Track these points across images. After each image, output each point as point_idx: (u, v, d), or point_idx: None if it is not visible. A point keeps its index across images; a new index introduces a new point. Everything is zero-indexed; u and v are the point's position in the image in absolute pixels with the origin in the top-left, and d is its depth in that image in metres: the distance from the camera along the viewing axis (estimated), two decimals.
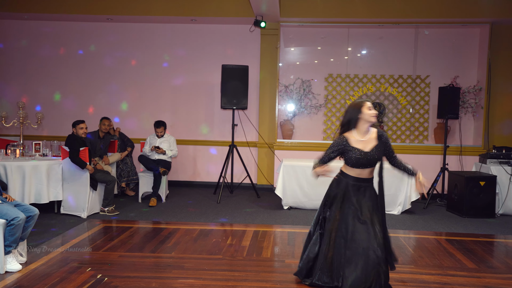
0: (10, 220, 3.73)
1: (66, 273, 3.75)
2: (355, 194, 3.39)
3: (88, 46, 8.35)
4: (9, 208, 3.83)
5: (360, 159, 3.31)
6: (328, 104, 8.17)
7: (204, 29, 8.23)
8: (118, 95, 8.35)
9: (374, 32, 8.10)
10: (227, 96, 7.17)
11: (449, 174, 6.83)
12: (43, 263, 4.00)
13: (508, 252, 4.74)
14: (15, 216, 3.75)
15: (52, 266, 3.93)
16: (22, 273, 3.73)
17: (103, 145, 6.73)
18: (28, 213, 3.90)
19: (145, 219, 5.82)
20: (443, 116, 7.13)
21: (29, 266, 3.90)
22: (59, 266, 3.92)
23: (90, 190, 5.80)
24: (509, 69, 7.72)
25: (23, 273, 3.75)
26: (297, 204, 6.52)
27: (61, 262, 4.04)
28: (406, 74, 8.05)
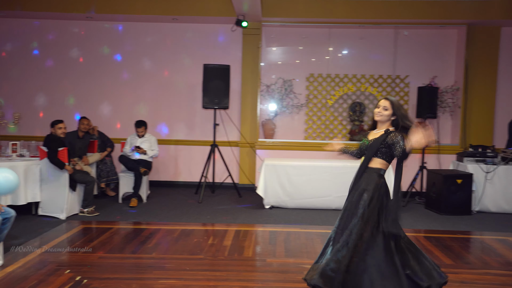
0: None
1: (44, 276, 3.70)
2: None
3: (70, 45, 8.22)
4: None
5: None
6: (310, 104, 8.22)
7: (186, 28, 8.19)
8: (98, 94, 8.24)
9: (355, 32, 8.18)
10: (209, 96, 7.15)
11: (428, 172, 6.95)
12: (20, 265, 3.93)
13: (484, 248, 4.85)
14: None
15: (30, 268, 3.86)
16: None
17: (83, 145, 6.64)
18: (4, 215, 3.83)
19: (125, 219, 5.77)
20: (422, 115, 7.25)
21: (5, 269, 3.82)
22: (36, 269, 3.85)
23: (69, 190, 5.72)
24: (485, 69, 7.89)
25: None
26: (278, 204, 6.55)
27: (39, 264, 3.97)
28: (386, 74, 8.16)
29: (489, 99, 7.93)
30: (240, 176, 8.12)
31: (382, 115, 3.24)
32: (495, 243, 4.94)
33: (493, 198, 6.47)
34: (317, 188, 6.48)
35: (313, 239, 4.98)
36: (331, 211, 6.43)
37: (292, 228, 5.47)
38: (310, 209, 6.51)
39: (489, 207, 6.49)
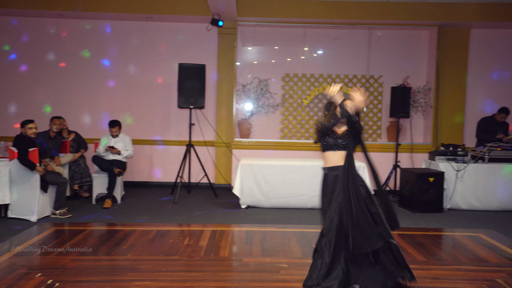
0: None
1: (14, 280, 3.59)
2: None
3: (40, 42, 8.02)
4: None
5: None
6: (285, 103, 8.26)
7: (161, 27, 8.11)
8: (72, 93, 8.06)
9: (330, 32, 8.26)
10: (184, 95, 7.09)
11: (401, 171, 7.08)
12: None
13: (455, 244, 4.97)
14: None
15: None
16: None
17: (55, 145, 6.48)
18: None
19: (99, 221, 5.66)
20: (395, 115, 7.38)
21: None
22: (6, 273, 3.74)
23: (40, 192, 5.58)
24: (456, 69, 8.09)
25: None
26: (255, 203, 6.56)
27: (9, 268, 3.86)
28: (360, 74, 8.27)
29: (459, 99, 8.14)
30: (216, 176, 8.09)
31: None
32: (465, 240, 5.08)
33: (464, 195, 6.64)
34: (293, 188, 6.52)
35: (289, 238, 5.00)
36: (307, 210, 6.47)
37: (268, 227, 5.48)
38: (286, 208, 6.54)
39: (460, 204, 6.66)
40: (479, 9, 7.66)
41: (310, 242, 4.83)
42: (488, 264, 4.23)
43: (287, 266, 4.08)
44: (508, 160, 6.64)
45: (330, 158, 3.51)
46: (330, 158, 3.51)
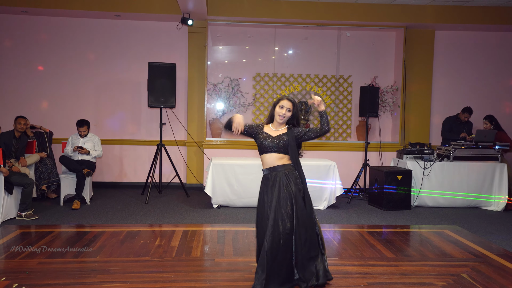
0: None
1: None
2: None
3: (3, 39, 7.76)
4: None
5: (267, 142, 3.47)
6: (257, 103, 8.28)
7: (129, 25, 7.99)
8: (37, 92, 7.84)
9: (300, 32, 8.34)
10: (155, 95, 7.01)
11: (370, 169, 7.23)
12: None
13: (422, 241, 5.11)
14: None
15: None
16: None
17: (20, 145, 6.28)
18: None
19: (67, 222, 5.54)
20: (364, 114, 7.52)
21: None
22: None
23: (4, 194, 5.40)
24: (422, 70, 8.32)
25: None
26: (226, 203, 6.55)
27: None
28: (330, 74, 8.39)
29: (426, 99, 8.37)
30: (188, 176, 8.03)
31: (286, 116, 3.47)
32: (432, 236, 5.23)
33: (430, 193, 6.83)
34: None
35: None
36: None
37: (240, 227, 5.49)
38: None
39: (427, 201, 6.85)
40: (443, 12, 7.90)
41: None
42: (453, 259, 4.38)
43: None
44: (471, 158, 6.87)
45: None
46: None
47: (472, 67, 8.51)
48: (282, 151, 3.44)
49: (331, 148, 7.96)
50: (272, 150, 3.44)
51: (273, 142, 3.43)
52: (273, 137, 3.46)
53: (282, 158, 3.46)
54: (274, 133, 3.48)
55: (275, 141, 3.43)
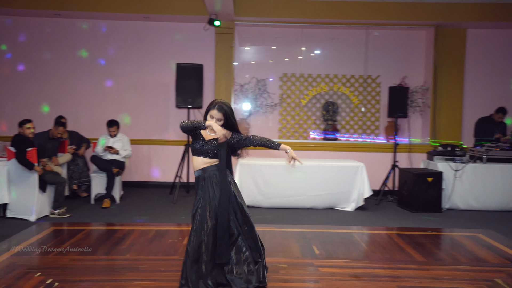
0: None
1: (13, 280, 3.58)
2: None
3: (36, 42, 7.99)
4: None
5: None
6: (283, 103, 8.26)
7: (158, 27, 8.09)
8: (69, 93, 8.04)
9: (327, 32, 8.27)
10: (182, 95, 7.08)
11: (399, 171, 7.10)
12: None
13: (454, 244, 4.99)
14: None
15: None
16: None
17: (53, 145, 6.45)
18: None
19: (98, 221, 5.65)
20: (393, 115, 7.40)
21: None
22: (5, 272, 3.73)
23: (38, 192, 5.56)
24: (453, 69, 8.11)
25: None
26: (253, 203, 6.55)
27: (8, 268, 3.85)
28: (358, 74, 8.29)
29: (457, 99, 8.16)
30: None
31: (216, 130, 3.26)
32: (464, 240, 5.09)
33: (462, 195, 6.66)
34: (292, 187, 6.52)
35: (288, 238, 5.00)
36: (306, 210, 6.48)
37: (267, 227, 5.48)
38: (285, 208, 6.54)
39: (458, 204, 6.68)
40: (475, 10, 7.68)
41: (309, 242, 4.84)
42: (487, 264, 4.25)
43: (287, 266, 4.08)
44: (506, 160, 6.67)
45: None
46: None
47: (506, 66, 8.24)
48: (210, 156, 3.33)
49: (359, 149, 7.87)
50: (202, 154, 3.34)
51: (203, 146, 3.32)
52: (205, 141, 3.34)
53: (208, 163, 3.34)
54: (207, 137, 3.35)
55: (205, 146, 3.32)
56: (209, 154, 3.33)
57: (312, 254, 4.45)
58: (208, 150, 3.32)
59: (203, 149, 3.33)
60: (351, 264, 4.18)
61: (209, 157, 3.34)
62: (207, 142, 3.33)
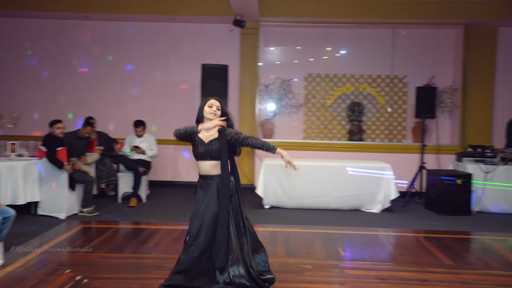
0: None
1: (44, 275, 3.68)
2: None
3: (65, 44, 8.20)
4: None
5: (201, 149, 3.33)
6: (308, 104, 8.22)
7: (183, 28, 8.18)
8: (97, 94, 8.21)
9: (353, 32, 8.19)
10: (207, 96, 7.04)
11: (427, 172, 6.96)
12: (20, 265, 3.91)
13: (484, 248, 4.86)
14: None
15: (30, 268, 3.84)
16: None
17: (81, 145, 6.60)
18: (4, 215, 3.81)
19: (125, 219, 5.75)
20: (421, 115, 7.26)
21: (5, 269, 3.80)
22: (36, 268, 3.84)
23: (68, 190, 5.69)
24: (483, 69, 7.91)
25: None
26: (278, 204, 6.54)
27: (39, 264, 3.96)
28: (384, 74, 8.17)
29: (487, 99, 7.95)
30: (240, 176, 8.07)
31: (217, 115, 3.35)
32: (495, 244, 4.95)
33: (493, 198, 6.48)
34: (317, 188, 6.48)
35: (313, 239, 4.97)
36: (331, 211, 6.43)
37: (292, 228, 5.46)
38: (310, 209, 6.51)
39: (489, 207, 6.50)
40: (507, 7, 7.47)
41: (334, 244, 4.80)
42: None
43: (312, 267, 4.06)
44: None
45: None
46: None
47: None
48: (217, 158, 3.30)
49: (385, 150, 7.75)
50: (208, 158, 3.30)
51: (206, 148, 3.29)
52: (206, 143, 3.31)
53: (218, 165, 3.32)
54: (206, 139, 3.33)
55: (208, 147, 3.29)
56: (215, 156, 3.30)
57: (337, 256, 4.41)
58: (213, 151, 3.29)
59: (208, 151, 3.29)
60: (377, 266, 4.13)
61: (216, 159, 3.30)
62: (209, 143, 3.31)
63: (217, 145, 3.29)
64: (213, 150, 3.29)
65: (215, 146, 3.29)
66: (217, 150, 3.29)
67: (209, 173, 3.33)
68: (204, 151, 3.30)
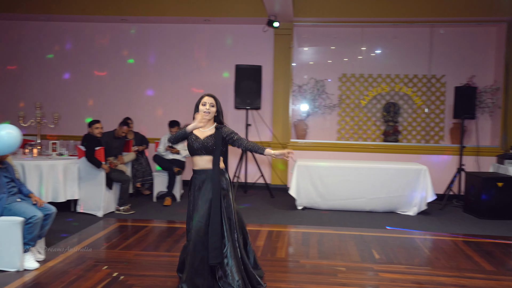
0: (28, 218, 3.78)
1: (83, 271, 3.79)
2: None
3: (104, 46, 8.43)
4: (27, 206, 3.89)
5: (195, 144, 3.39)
6: (342, 104, 8.13)
7: (218, 29, 8.25)
8: (134, 95, 8.41)
9: (388, 31, 8.04)
10: (241, 96, 7.17)
11: (466, 175, 6.75)
12: (60, 261, 4.05)
13: None
14: (33, 214, 3.80)
15: (69, 264, 3.98)
16: (40, 271, 3.79)
17: (119, 144, 6.76)
18: (45, 212, 3.96)
19: (160, 218, 5.85)
20: (459, 116, 7.04)
21: (47, 264, 3.95)
22: (76, 264, 3.96)
23: (105, 189, 5.85)
24: None
25: (40, 270, 3.80)
26: (311, 205, 6.50)
27: (78, 260, 4.08)
28: (421, 74, 7.98)
29: None
30: (272, 177, 8.10)
31: (211, 112, 3.43)
32: None
33: None
34: (351, 190, 6.39)
35: (347, 241, 4.91)
36: (365, 213, 6.33)
37: (325, 229, 5.41)
38: (343, 210, 6.43)
39: None
40: None
41: (368, 246, 4.72)
42: None
43: (345, 270, 4.01)
44: None
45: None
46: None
47: None
48: (211, 153, 3.37)
49: (422, 152, 7.56)
50: (202, 153, 3.37)
51: (201, 144, 3.36)
52: (201, 139, 3.39)
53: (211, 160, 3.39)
54: (202, 135, 3.41)
55: (203, 143, 3.36)
56: (210, 150, 3.37)
57: (371, 259, 4.34)
58: (208, 147, 3.36)
59: (204, 146, 3.36)
60: (413, 270, 4.03)
61: (211, 154, 3.37)
62: (205, 139, 3.38)
63: (213, 141, 3.37)
64: (208, 146, 3.37)
65: (211, 142, 3.37)
66: (212, 146, 3.37)
67: (203, 167, 3.40)
68: (200, 146, 3.37)
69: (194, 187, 3.43)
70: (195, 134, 3.43)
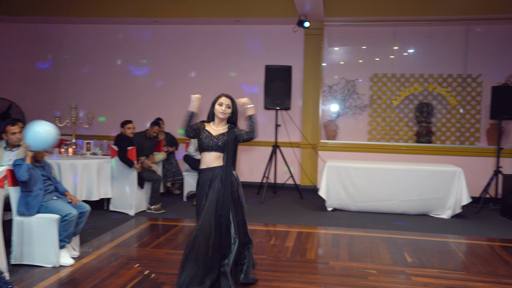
0: (64, 216, 3.89)
1: (115, 268, 3.88)
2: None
3: (136, 49, 8.60)
4: (63, 204, 4.01)
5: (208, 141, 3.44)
6: (374, 105, 8.00)
7: (248, 30, 8.28)
8: (165, 95, 8.53)
9: (422, 30, 7.86)
10: (271, 96, 7.17)
11: (504, 177, 6.52)
12: (94, 258, 4.15)
13: None
14: (68, 212, 3.92)
15: (103, 261, 4.07)
16: (74, 267, 3.89)
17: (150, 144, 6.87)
18: (80, 210, 4.07)
19: (190, 218, 5.91)
20: (497, 116, 6.80)
21: (81, 261, 4.05)
22: (109, 261, 4.05)
23: (137, 188, 5.96)
24: None
25: (75, 267, 3.90)
26: (341, 206, 6.42)
27: (111, 257, 4.18)
28: (456, 73, 7.76)
29: None
30: (302, 177, 8.06)
31: (226, 113, 3.49)
32: None
33: None
34: (382, 192, 6.28)
35: (378, 243, 4.82)
36: (396, 215, 6.21)
37: (356, 231, 5.34)
38: (374, 212, 6.32)
39: None
40: None
41: (401, 249, 4.62)
42: None
43: (376, 273, 3.94)
44: None
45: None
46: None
47: None
48: (221, 150, 3.42)
49: (456, 153, 7.34)
50: (212, 149, 3.42)
51: (213, 141, 3.42)
52: (213, 136, 3.44)
53: (220, 157, 3.44)
54: (215, 132, 3.47)
55: (215, 140, 3.42)
56: (220, 148, 3.42)
57: (403, 262, 4.25)
58: (220, 144, 3.41)
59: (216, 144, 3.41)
60: (448, 275, 3.92)
61: (220, 151, 3.43)
62: (218, 136, 3.44)
63: (226, 138, 3.43)
64: (220, 143, 3.42)
65: (224, 139, 3.43)
66: (224, 143, 3.42)
67: (211, 164, 3.44)
68: (212, 143, 3.42)
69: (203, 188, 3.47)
70: (208, 131, 3.50)
